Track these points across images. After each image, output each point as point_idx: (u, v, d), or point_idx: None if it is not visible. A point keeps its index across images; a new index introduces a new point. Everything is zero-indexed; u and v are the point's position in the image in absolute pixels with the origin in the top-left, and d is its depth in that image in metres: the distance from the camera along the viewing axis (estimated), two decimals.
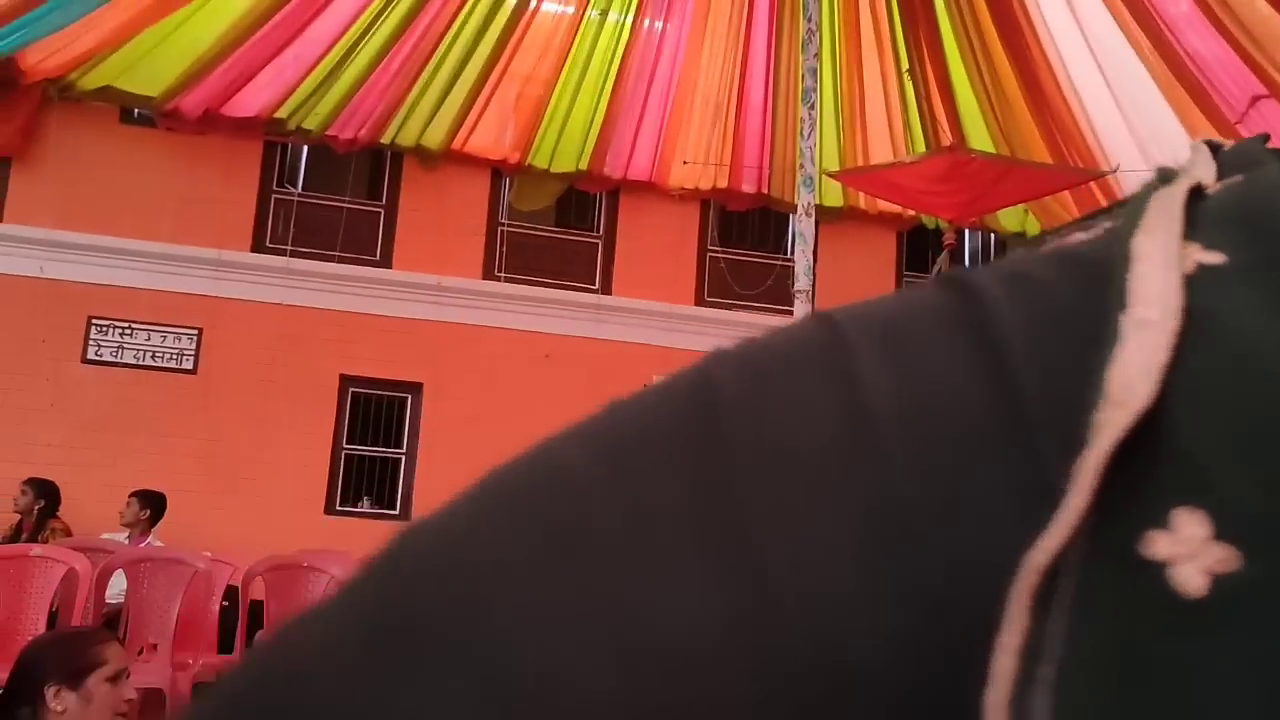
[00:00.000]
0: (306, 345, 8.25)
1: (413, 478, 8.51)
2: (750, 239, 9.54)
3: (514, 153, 8.43)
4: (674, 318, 9.00)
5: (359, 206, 8.79)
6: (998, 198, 6.48)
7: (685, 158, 8.32)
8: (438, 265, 8.63)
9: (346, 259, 8.49)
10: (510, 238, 9.01)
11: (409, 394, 8.62)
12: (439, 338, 8.55)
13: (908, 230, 9.37)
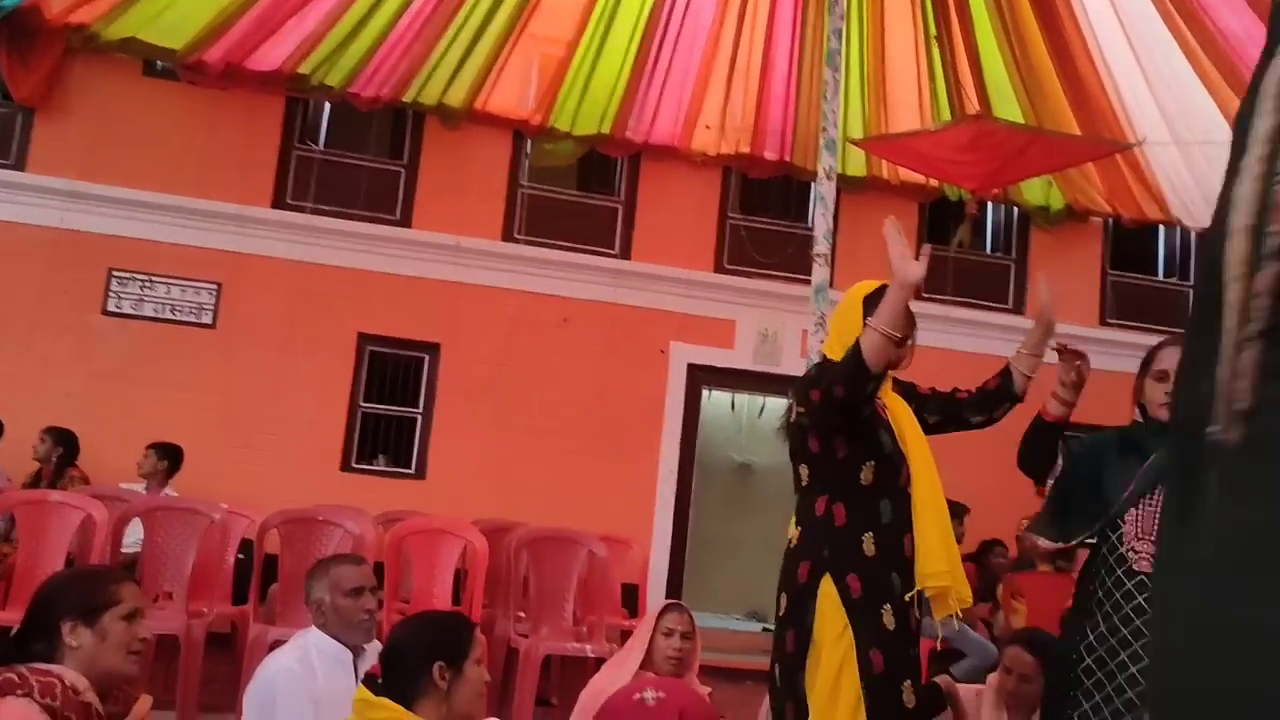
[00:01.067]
0: (325, 302, 8.28)
1: (428, 437, 8.54)
2: (772, 207, 9.48)
3: (536, 114, 8.39)
4: (693, 284, 8.97)
5: (380, 165, 8.78)
6: (1022, 168, 6.43)
7: (708, 122, 8.26)
8: (457, 226, 8.62)
9: (366, 217, 8.50)
10: (530, 200, 8.98)
11: (426, 354, 8.64)
12: (457, 298, 8.55)
13: (930, 202, 9.29)
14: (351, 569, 3.25)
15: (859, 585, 2.75)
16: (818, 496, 2.86)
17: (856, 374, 2.67)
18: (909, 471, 2.85)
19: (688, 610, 3.90)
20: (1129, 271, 9.91)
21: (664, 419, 8.90)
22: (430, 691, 2.37)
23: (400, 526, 5.94)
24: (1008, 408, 3.10)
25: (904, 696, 2.72)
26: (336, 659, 3.06)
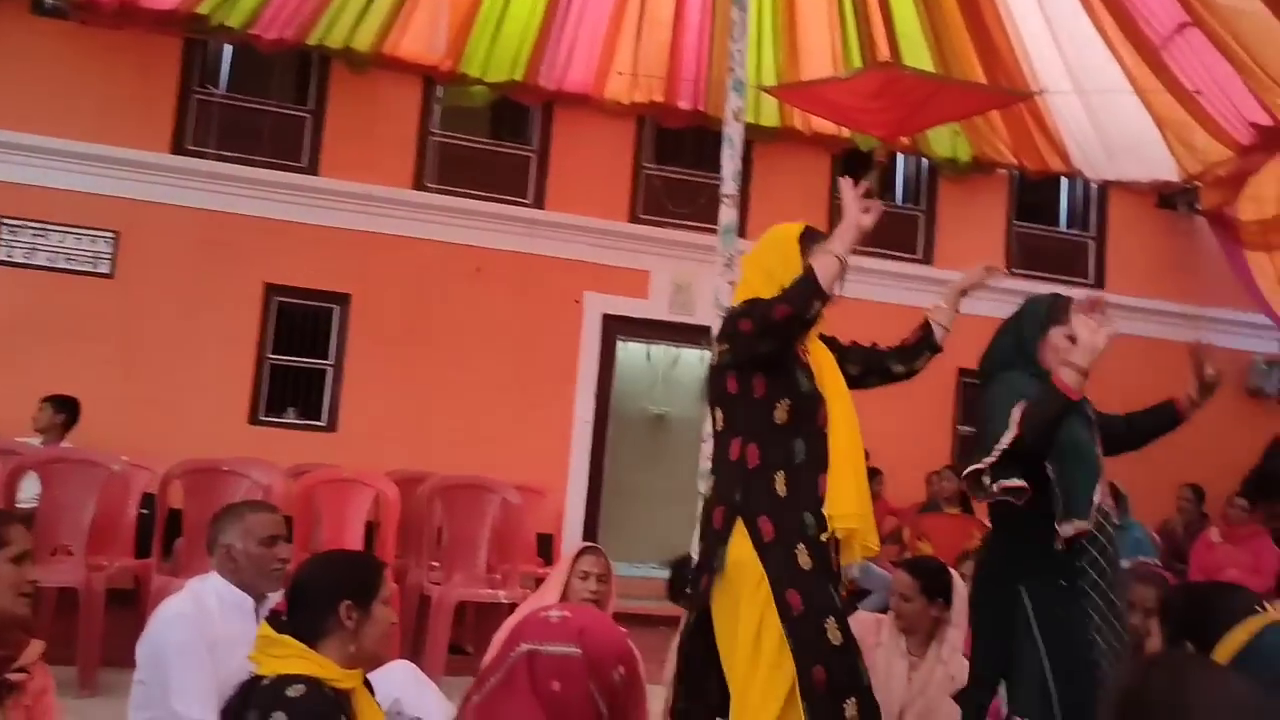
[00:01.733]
0: (230, 252, 8.07)
1: (340, 389, 8.41)
2: (686, 157, 9.46)
3: (446, 59, 8.22)
4: (607, 234, 8.94)
5: (285, 110, 8.55)
6: (928, 116, 6.51)
7: (621, 69, 8.19)
8: (366, 173, 8.45)
9: (272, 164, 8.27)
10: (442, 148, 8.84)
11: (336, 304, 8.49)
12: (367, 248, 8.40)
13: (841, 152, 9.36)
14: (267, 516, 3.18)
15: (771, 527, 2.70)
16: (732, 439, 2.81)
17: (807, 293, 2.67)
18: (826, 413, 2.82)
19: (603, 553, 3.93)
20: (1033, 222, 10.13)
21: (579, 369, 8.89)
22: (336, 631, 2.33)
23: (309, 477, 5.87)
24: (928, 357, 3.16)
25: (828, 634, 2.65)
26: (236, 605, 3.00)
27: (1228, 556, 7.06)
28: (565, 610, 1.55)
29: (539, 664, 1.50)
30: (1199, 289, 9.85)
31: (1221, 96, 7.46)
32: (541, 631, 1.52)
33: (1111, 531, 2.89)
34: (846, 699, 2.63)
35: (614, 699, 1.52)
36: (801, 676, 2.61)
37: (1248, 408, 9.93)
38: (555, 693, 1.47)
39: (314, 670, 2.22)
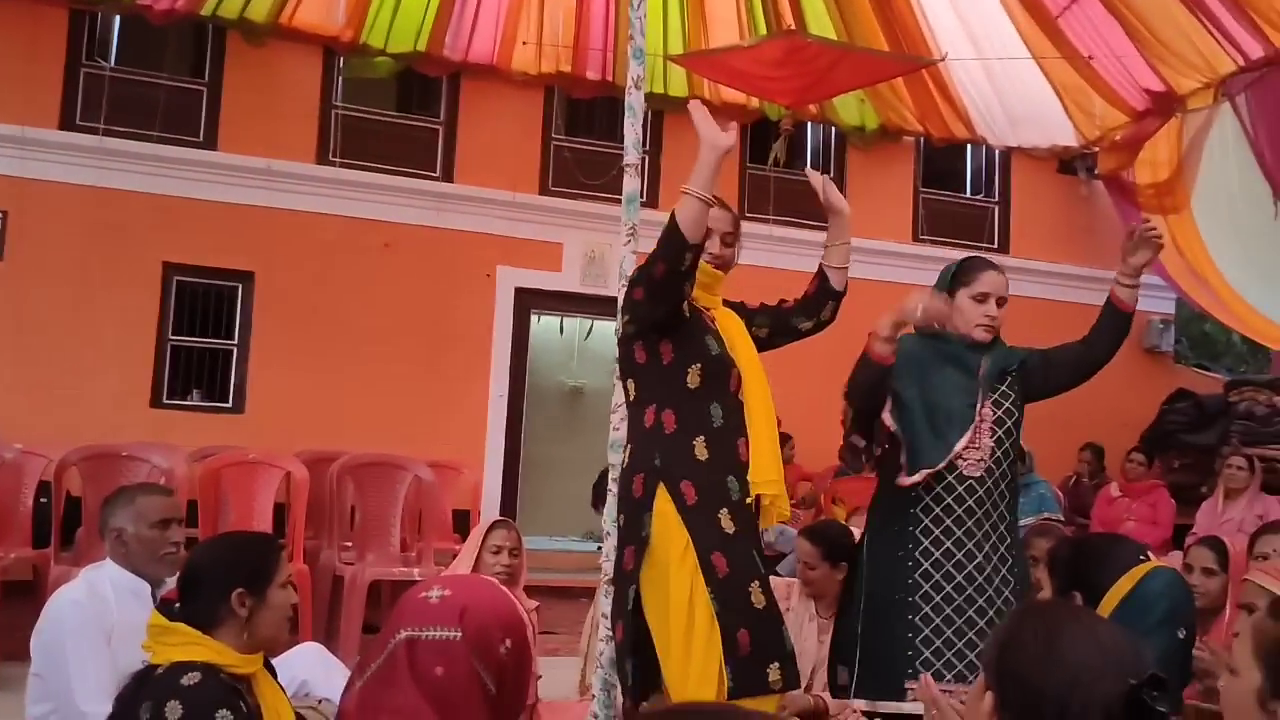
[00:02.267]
0: (125, 231, 7.81)
1: (246, 369, 8.23)
2: (596, 128, 9.41)
3: (346, 30, 8.03)
4: (518, 207, 8.86)
5: (179, 84, 8.27)
6: (833, 83, 6.54)
7: (525, 39, 8.10)
8: (267, 148, 8.24)
9: (167, 139, 8.01)
10: (345, 121, 8.65)
11: (239, 283, 8.28)
12: (270, 224, 8.21)
13: (751, 122, 9.39)
14: (159, 499, 3.09)
15: (693, 491, 2.67)
16: (646, 408, 2.77)
17: (673, 243, 2.60)
18: (739, 378, 2.80)
19: (514, 527, 3.90)
20: (939, 189, 10.29)
21: (492, 344, 8.82)
22: (229, 618, 2.26)
23: (214, 460, 5.73)
24: (833, 306, 3.11)
25: (752, 598, 2.64)
26: (132, 591, 2.92)
27: (1127, 509, 7.30)
28: (446, 588, 1.51)
29: (419, 650, 1.46)
30: (1098, 251, 10.10)
31: (1117, 63, 7.64)
32: (420, 615, 1.49)
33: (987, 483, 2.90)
34: (770, 664, 2.62)
35: (502, 674, 1.50)
36: (726, 640, 2.59)
37: (1145, 366, 10.26)
38: (439, 677, 1.44)
39: (209, 657, 2.16)
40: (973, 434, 2.93)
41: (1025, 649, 1.30)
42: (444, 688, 1.43)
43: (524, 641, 1.53)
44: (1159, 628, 1.96)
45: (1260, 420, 7.94)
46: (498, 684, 1.48)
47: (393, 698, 1.44)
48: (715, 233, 2.88)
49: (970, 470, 2.89)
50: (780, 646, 2.68)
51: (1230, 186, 8.37)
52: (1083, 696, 1.23)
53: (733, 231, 2.95)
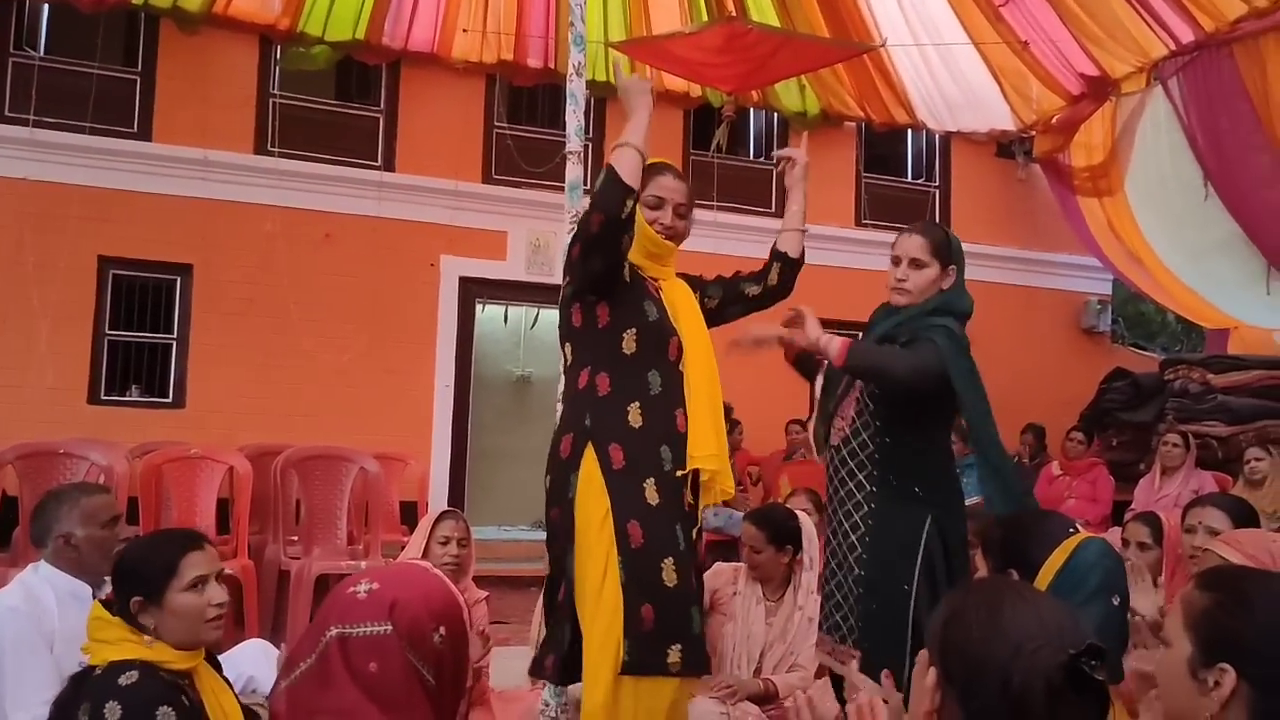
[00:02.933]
0: (57, 224, 7.64)
1: (185, 364, 8.10)
2: (539, 116, 9.36)
3: (283, 18, 7.91)
4: (461, 195, 8.80)
5: (111, 73, 8.09)
6: (775, 70, 6.58)
7: (466, 26, 8.03)
8: (203, 138, 8.10)
9: (100, 130, 7.84)
10: (284, 110, 8.52)
11: (177, 276, 8.14)
12: (208, 216, 8.07)
13: (694, 109, 9.41)
14: (103, 498, 3.03)
15: (621, 455, 2.60)
16: (581, 369, 2.71)
17: (611, 192, 2.54)
18: (681, 347, 2.73)
19: (462, 517, 3.88)
20: (881, 174, 10.38)
21: (437, 334, 8.76)
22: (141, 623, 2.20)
23: (154, 456, 5.63)
24: (779, 269, 3.05)
25: (663, 573, 2.54)
26: (73, 595, 2.85)
27: (1068, 487, 7.43)
28: (374, 581, 1.49)
29: (351, 647, 1.44)
30: (1036, 234, 10.28)
31: (1052, 48, 7.76)
32: (350, 612, 1.46)
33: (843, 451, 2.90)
34: (672, 644, 2.52)
35: (440, 663, 1.48)
36: (628, 612, 2.51)
37: (1083, 346, 10.46)
38: (374, 673, 1.42)
39: (146, 655, 2.12)
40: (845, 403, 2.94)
41: (967, 623, 1.33)
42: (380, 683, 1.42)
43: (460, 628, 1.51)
44: (1094, 596, 2.01)
45: (1194, 398, 8.11)
46: (436, 674, 1.46)
47: (330, 697, 1.41)
48: (669, 203, 2.82)
49: (835, 438, 2.93)
50: (685, 628, 2.56)
51: (1163, 169, 8.54)
52: (1024, 666, 1.25)
53: (685, 203, 2.86)
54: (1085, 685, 1.24)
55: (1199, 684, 1.43)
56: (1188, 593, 1.53)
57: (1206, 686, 1.42)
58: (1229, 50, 7.46)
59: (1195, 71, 7.80)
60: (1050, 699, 1.24)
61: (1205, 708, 1.42)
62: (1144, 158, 8.66)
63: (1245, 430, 7.69)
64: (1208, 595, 1.49)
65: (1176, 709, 1.49)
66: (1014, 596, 1.36)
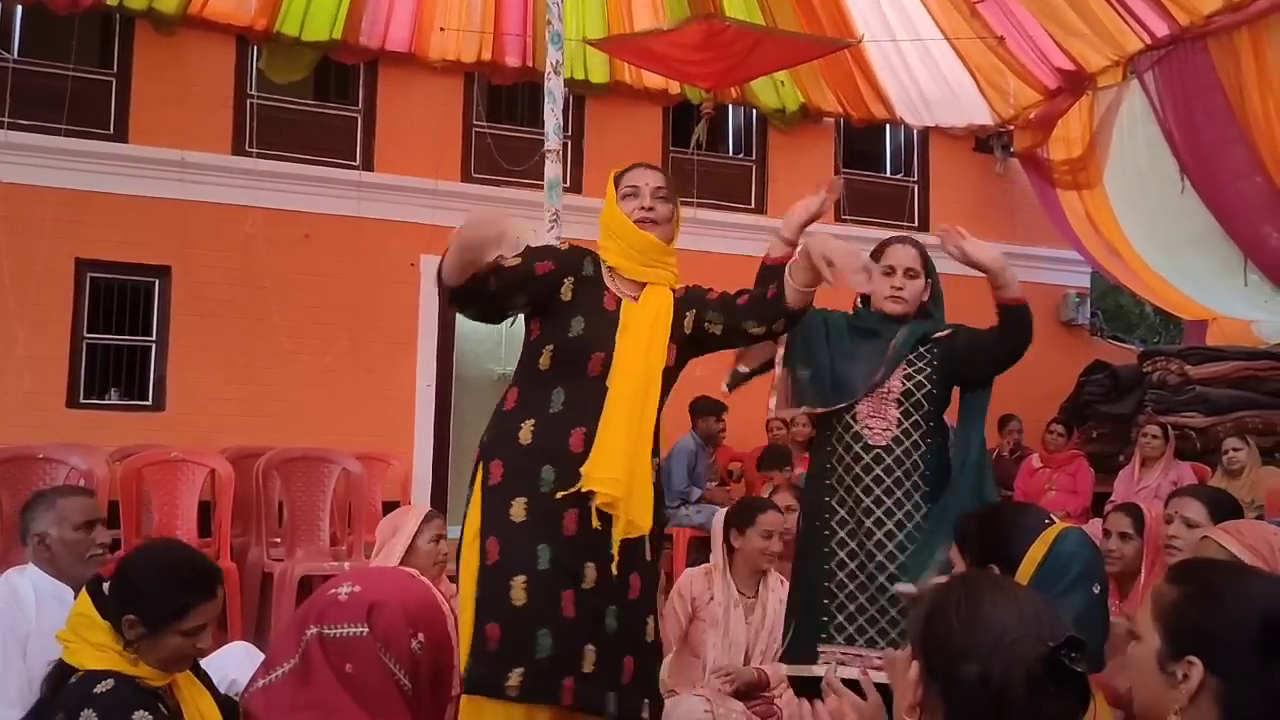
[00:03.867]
0: (33, 226, 7.57)
1: (165, 366, 8.05)
2: (518, 114, 9.35)
3: (259, 18, 7.88)
4: (440, 195, 8.77)
5: (87, 75, 8.02)
6: (753, 66, 6.59)
7: (443, 25, 8.01)
8: (181, 139, 8.05)
9: (75, 132, 7.78)
10: (261, 110, 8.48)
11: (155, 278, 8.09)
12: (186, 218, 8.03)
13: (673, 106, 9.42)
14: (80, 500, 3.02)
15: (500, 472, 2.53)
16: (510, 385, 2.69)
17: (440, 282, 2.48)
18: (606, 363, 2.56)
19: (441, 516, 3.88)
20: (860, 170, 10.42)
21: (418, 333, 8.74)
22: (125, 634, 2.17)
23: (134, 459, 5.60)
24: (784, 324, 2.69)
25: (512, 592, 2.41)
26: (55, 596, 2.85)
27: (1048, 480, 7.48)
28: (356, 584, 1.49)
29: (329, 647, 1.44)
30: (1014, 228, 10.32)
31: (1029, 43, 7.80)
32: (329, 613, 1.46)
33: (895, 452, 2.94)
34: (514, 668, 2.38)
35: (416, 669, 1.48)
36: (475, 630, 2.40)
37: (1062, 339, 10.52)
38: (350, 674, 1.43)
39: (122, 667, 2.11)
40: (872, 403, 2.97)
41: (948, 617, 1.34)
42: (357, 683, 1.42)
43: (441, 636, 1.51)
44: (1074, 586, 2.03)
45: (1172, 389, 8.17)
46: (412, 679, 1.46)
47: (312, 693, 1.42)
48: (643, 189, 2.68)
49: (875, 440, 2.94)
50: (529, 652, 2.39)
51: (1140, 162, 8.61)
52: (1004, 658, 1.27)
53: (663, 186, 2.69)
54: (1065, 677, 1.25)
55: (1168, 676, 1.45)
56: (1158, 586, 1.55)
57: (1175, 679, 1.44)
58: (1203, 44, 7.52)
59: (1170, 65, 7.86)
60: (1031, 691, 1.25)
61: (1174, 700, 1.43)
62: (1122, 151, 8.72)
63: (1223, 421, 7.76)
64: (1177, 588, 1.51)
65: (1146, 701, 1.51)
66: (994, 590, 1.37)
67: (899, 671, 1.41)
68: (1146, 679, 1.49)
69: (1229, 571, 1.60)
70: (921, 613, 1.40)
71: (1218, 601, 1.46)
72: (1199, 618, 1.45)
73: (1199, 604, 1.47)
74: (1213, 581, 1.51)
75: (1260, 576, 1.59)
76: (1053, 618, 1.33)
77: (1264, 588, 1.50)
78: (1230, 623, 1.43)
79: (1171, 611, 1.48)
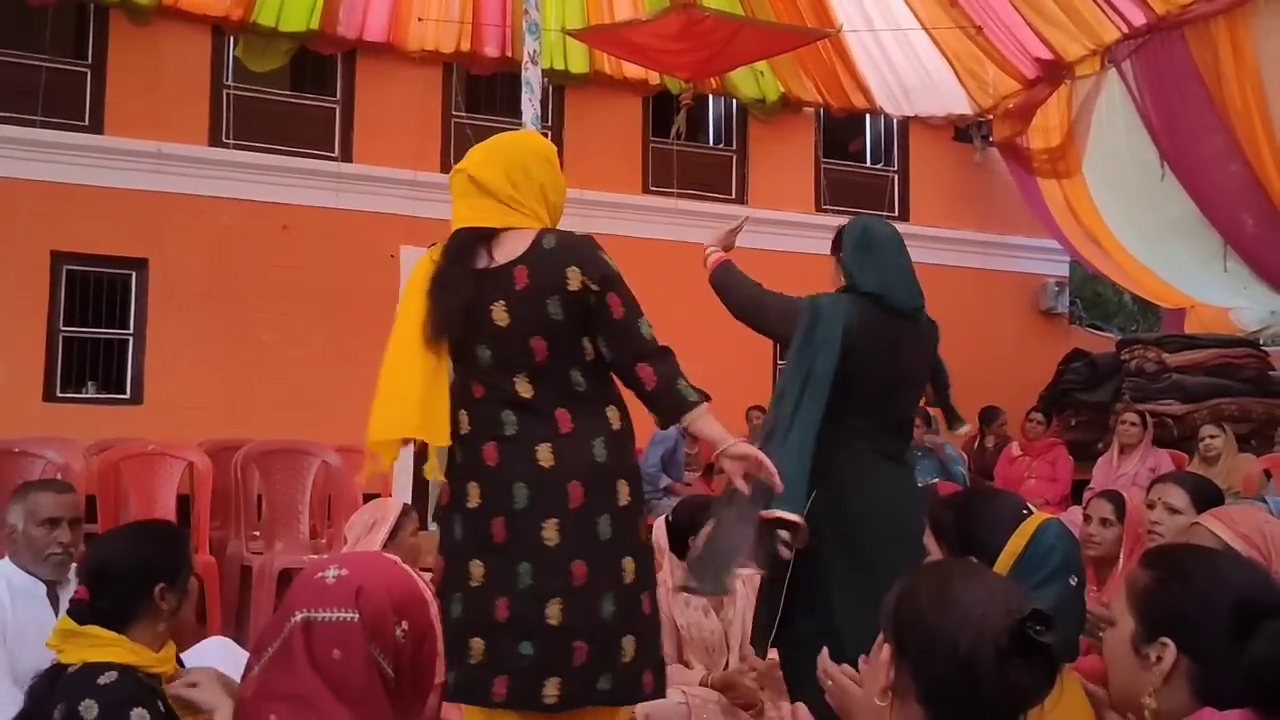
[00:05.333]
0: (8, 219, 7.50)
1: (143, 359, 7.99)
2: (497, 104, 9.31)
3: (235, 8, 7.82)
4: (419, 185, 8.72)
5: (60, 65, 7.95)
6: (731, 56, 6.59)
7: (421, 15, 7.97)
8: (157, 130, 7.98)
9: (50, 123, 7.71)
10: (238, 101, 8.42)
11: (132, 271, 8.03)
12: (163, 210, 7.96)
13: (653, 96, 9.40)
14: (50, 496, 2.96)
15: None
16: None
17: None
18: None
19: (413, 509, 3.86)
20: (840, 159, 10.43)
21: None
22: (146, 614, 2.18)
23: (111, 452, 5.56)
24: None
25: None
26: (27, 590, 2.82)
27: (1028, 468, 7.51)
28: (343, 567, 1.47)
29: (316, 633, 1.42)
30: (993, 217, 10.37)
31: (1006, 32, 7.82)
32: (316, 597, 1.44)
33: None
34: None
35: (399, 657, 1.47)
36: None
37: (1041, 327, 10.57)
38: (336, 660, 1.41)
39: (124, 658, 2.10)
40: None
41: (919, 598, 1.36)
42: (341, 671, 1.40)
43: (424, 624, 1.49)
44: (1052, 578, 2.03)
45: (1150, 377, 8.20)
46: (395, 668, 1.45)
47: (288, 682, 1.40)
48: None
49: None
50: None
51: (1119, 150, 8.64)
52: (972, 633, 1.28)
53: None
54: (1032, 649, 1.26)
55: (1142, 659, 1.47)
56: (1132, 571, 1.57)
57: (1149, 661, 1.46)
58: (1180, 33, 7.56)
59: (1148, 54, 7.90)
60: (999, 663, 1.27)
61: (1148, 682, 1.46)
62: (1101, 140, 8.75)
63: (1200, 408, 7.80)
64: (1150, 573, 1.54)
65: (1121, 684, 1.54)
66: (964, 570, 1.40)
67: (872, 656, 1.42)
68: (1121, 662, 1.51)
69: (1201, 555, 1.62)
70: (893, 597, 1.41)
71: (1189, 584, 1.48)
72: (1171, 600, 1.48)
73: (1171, 587, 1.49)
74: (1184, 565, 1.54)
75: (1231, 560, 1.62)
76: (1020, 594, 1.35)
77: (1234, 571, 1.53)
78: (1202, 605, 1.45)
79: (1145, 596, 1.51)
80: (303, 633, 1.42)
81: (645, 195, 9.27)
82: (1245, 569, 1.55)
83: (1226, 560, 1.59)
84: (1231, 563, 1.57)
